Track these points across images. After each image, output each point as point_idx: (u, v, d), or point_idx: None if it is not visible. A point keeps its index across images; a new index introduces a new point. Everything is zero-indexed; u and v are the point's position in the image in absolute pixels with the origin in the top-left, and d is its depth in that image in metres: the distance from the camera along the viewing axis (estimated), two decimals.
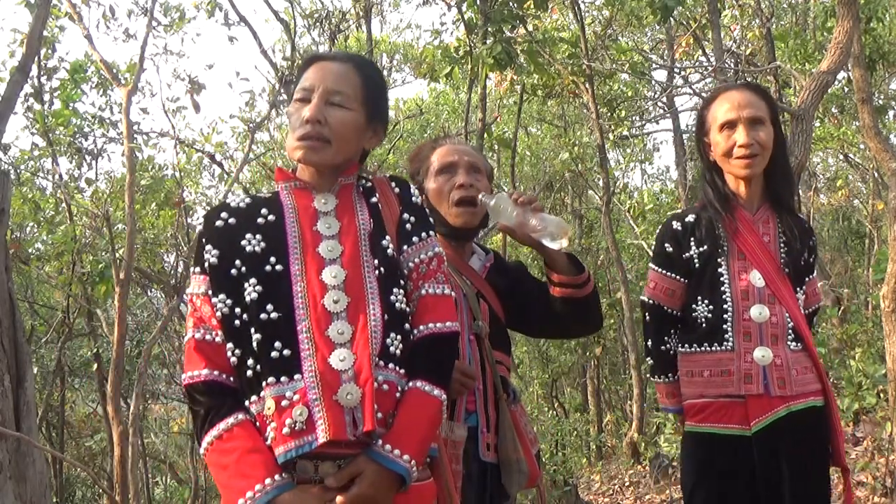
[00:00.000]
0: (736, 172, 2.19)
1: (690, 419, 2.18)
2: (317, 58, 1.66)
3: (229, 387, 1.53)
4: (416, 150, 2.19)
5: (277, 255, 1.55)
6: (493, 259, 2.17)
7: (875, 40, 7.42)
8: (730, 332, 2.12)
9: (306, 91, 1.60)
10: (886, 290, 4.00)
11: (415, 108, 12.73)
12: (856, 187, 12.72)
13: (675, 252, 2.23)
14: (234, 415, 1.49)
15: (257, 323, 1.50)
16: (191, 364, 1.55)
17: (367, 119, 1.64)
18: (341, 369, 1.47)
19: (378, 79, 1.69)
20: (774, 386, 2.08)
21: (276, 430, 1.45)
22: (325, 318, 1.51)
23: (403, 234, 1.65)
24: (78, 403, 10.10)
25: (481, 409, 1.97)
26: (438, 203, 2.05)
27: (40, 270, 7.55)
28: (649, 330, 2.30)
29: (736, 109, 2.14)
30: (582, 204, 13.11)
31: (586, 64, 7.48)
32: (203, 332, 1.55)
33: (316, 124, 1.57)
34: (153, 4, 6.47)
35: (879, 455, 4.60)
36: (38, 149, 7.56)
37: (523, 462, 1.96)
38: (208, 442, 1.49)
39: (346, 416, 1.45)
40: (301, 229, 1.58)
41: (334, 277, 1.54)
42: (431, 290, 1.63)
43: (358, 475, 1.46)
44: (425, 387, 1.53)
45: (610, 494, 7.10)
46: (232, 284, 1.54)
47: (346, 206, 1.63)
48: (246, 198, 1.66)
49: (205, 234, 1.61)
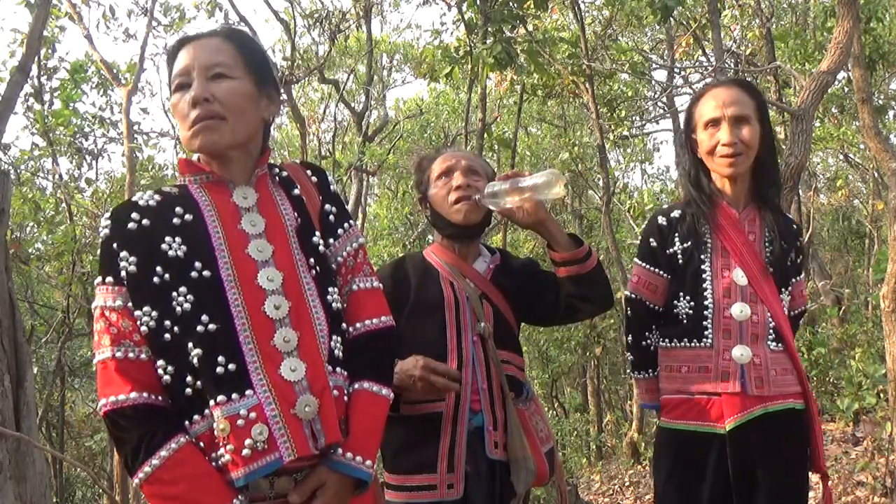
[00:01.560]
0: (720, 171, 2.16)
1: (666, 415, 2.16)
2: (183, 42, 1.51)
3: (161, 408, 1.38)
4: (419, 162, 2.21)
5: (202, 260, 1.40)
6: (500, 259, 2.18)
7: (875, 40, 7.42)
8: (709, 329, 2.10)
9: (183, 76, 1.46)
10: (886, 290, 4.00)
11: (415, 108, 12.76)
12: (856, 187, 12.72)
13: (659, 247, 2.21)
14: (175, 439, 1.35)
15: (194, 336, 1.36)
16: (112, 387, 1.37)
17: (256, 86, 1.49)
18: (294, 380, 1.37)
19: (253, 44, 1.54)
20: (752, 385, 2.05)
21: (234, 453, 1.33)
22: (267, 327, 1.39)
23: (327, 226, 1.56)
24: (78, 403, 10.09)
25: (487, 407, 1.99)
26: (439, 206, 2.10)
27: (40, 270, 7.55)
28: (631, 325, 2.28)
29: (720, 107, 2.11)
30: (582, 204, 13.11)
31: (586, 64, 7.48)
32: (125, 350, 1.38)
33: (204, 103, 1.43)
34: (153, 4, 6.48)
35: (879, 455, 4.59)
36: (38, 149, 7.56)
37: (531, 460, 1.96)
38: (147, 472, 1.33)
39: (304, 429, 1.37)
40: (224, 229, 1.44)
41: (271, 281, 1.42)
42: (362, 284, 1.56)
43: (319, 487, 1.40)
44: (373, 387, 1.48)
45: (610, 494, 7.10)
46: (156, 294, 1.38)
47: (268, 200, 1.50)
48: (154, 195, 1.48)
49: (115, 238, 1.43)
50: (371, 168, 9.94)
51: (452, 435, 1.94)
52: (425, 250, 2.18)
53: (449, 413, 1.94)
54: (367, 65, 11.37)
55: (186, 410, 1.38)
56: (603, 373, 11.94)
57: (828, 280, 9.84)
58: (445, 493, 1.91)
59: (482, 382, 1.99)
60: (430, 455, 1.92)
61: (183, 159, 1.54)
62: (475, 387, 1.99)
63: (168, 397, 1.39)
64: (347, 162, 9.63)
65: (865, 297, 10.17)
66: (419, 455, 1.94)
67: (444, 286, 2.05)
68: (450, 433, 1.94)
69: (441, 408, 1.94)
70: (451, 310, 2.02)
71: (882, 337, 4.29)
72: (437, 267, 2.10)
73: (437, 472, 1.91)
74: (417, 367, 1.88)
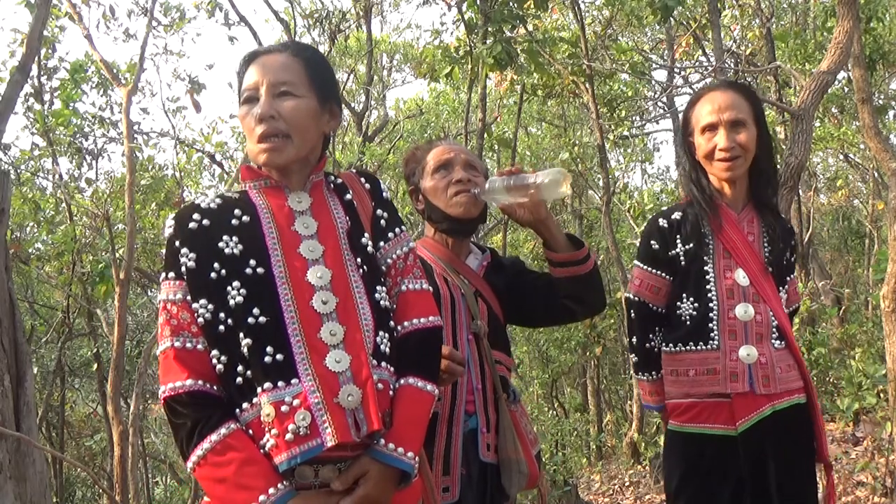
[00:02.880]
0: (718, 174, 2.19)
1: (675, 419, 2.18)
2: (253, 56, 1.60)
3: (215, 396, 1.47)
4: (411, 153, 2.19)
5: (257, 258, 1.50)
6: (491, 257, 2.17)
7: (875, 40, 7.42)
8: (715, 331, 2.12)
9: (251, 90, 1.55)
10: (886, 290, 4.00)
11: (415, 108, 12.75)
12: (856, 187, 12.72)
13: (661, 249, 2.23)
14: (226, 425, 1.43)
15: (245, 327, 1.45)
16: (171, 375, 1.47)
17: (319, 103, 1.58)
18: (338, 371, 1.45)
19: (320, 59, 1.63)
20: (759, 384, 2.08)
21: (278, 437, 1.41)
22: (315, 320, 1.47)
23: (378, 230, 1.63)
24: (78, 403, 10.10)
25: (481, 409, 1.97)
26: (436, 199, 2.06)
27: (40, 270, 7.55)
28: (634, 327, 2.29)
29: (717, 112, 2.14)
30: (582, 204, 13.11)
31: (586, 64, 7.48)
32: (183, 340, 1.48)
33: (270, 120, 1.52)
34: (153, 4, 6.48)
35: (879, 455, 4.60)
36: (38, 149, 7.56)
37: (523, 462, 1.96)
38: (199, 455, 1.42)
39: (347, 417, 1.43)
40: (278, 230, 1.54)
41: (320, 278, 1.50)
42: (412, 285, 1.62)
43: (362, 476, 1.45)
44: (418, 383, 1.53)
45: (610, 494, 7.10)
46: (212, 288, 1.48)
47: (321, 205, 1.60)
48: (216, 198, 1.59)
49: (178, 236, 1.53)
50: (371, 168, 9.94)
51: (448, 436, 1.92)
52: (416, 245, 2.16)
53: (445, 414, 1.92)
54: (367, 65, 11.38)
55: (237, 399, 1.46)
56: (603, 373, 11.94)
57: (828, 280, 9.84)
58: (441, 497, 1.88)
59: (476, 383, 1.98)
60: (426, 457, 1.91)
61: (245, 166, 1.65)
62: (470, 387, 1.97)
63: (222, 386, 1.47)
64: (347, 162, 9.63)
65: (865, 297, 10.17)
66: None
67: (439, 282, 2.02)
68: (445, 434, 1.92)
69: (436, 408, 1.91)
70: (447, 307, 1.99)
71: (882, 337, 4.29)
72: (430, 262, 2.06)
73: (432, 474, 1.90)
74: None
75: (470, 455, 1.94)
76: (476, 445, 1.95)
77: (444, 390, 1.93)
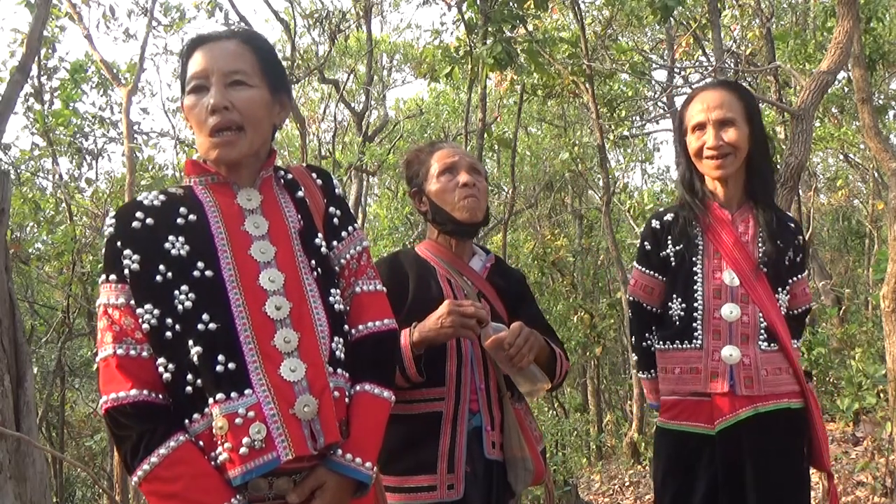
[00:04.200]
0: (709, 173, 2.19)
1: (662, 415, 2.21)
2: (199, 41, 1.49)
3: (160, 406, 1.38)
4: (413, 155, 2.19)
5: (205, 260, 1.41)
6: (494, 260, 2.19)
7: (875, 40, 7.42)
8: (699, 331, 2.13)
9: (200, 79, 1.45)
10: (886, 290, 4.00)
11: (415, 108, 12.76)
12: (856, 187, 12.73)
13: (654, 250, 2.25)
14: (174, 437, 1.35)
15: (195, 334, 1.37)
16: (112, 384, 1.37)
17: (271, 93, 1.50)
18: (294, 381, 1.37)
19: (269, 48, 1.54)
20: (741, 385, 2.07)
21: (232, 451, 1.33)
22: (268, 327, 1.39)
23: (331, 229, 1.56)
24: (78, 403, 10.10)
25: (485, 407, 1.98)
26: (443, 201, 2.07)
27: (40, 270, 7.55)
28: (631, 326, 2.35)
29: (705, 111, 2.15)
30: (582, 204, 13.12)
31: (586, 64, 7.48)
32: (126, 348, 1.38)
33: (224, 112, 1.43)
34: (153, 4, 6.48)
35: (879, 455, 4.60)
36: (38, 149, 7.56)
37: (529, 460, 1.97)
38: (146, 470, 1.33)
39: (304, 429, 1.37)
40: (227, 230, 1.45)
41: (272, 282, 1.42)
42: (366, 287, 1.56)
43: (318, 488, 1.40)
44: (374, 390, 1.48)
45: (610, 494, 7.10)
46: (158, 292, 1.39)
47: (272, 202, 1.51)
48: (160, 194, 1.49)
49: (119, 236, 1.43)
50: (371, 168, 9.94)
51: (452, 435, 1.93)
52: (417, 247, 2.17)
53: (449, 412, 1.94)
54: (367, 65, 11.38)
55: (186, 409, 1.38)
56: (603, 373, 11.94)
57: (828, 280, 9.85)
58: (445, 494, 1.89)
59: (480, 382, 1.99)
60: (430, 455, 1.91)
61: (189, 160, 1.55)
62: (473, 386, 1.98)
63: (169, 396, 1.39)
64: (347, 162, 9.63)
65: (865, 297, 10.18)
66: (418, 455, 1.92)
67: (442, 283, 2.04)
68: (449, 433, 1.92)
69: (440, 407, 1.93)
70: None
71: (882, 337, 4.29)
72: (433, 264, 2.08)
73: (437, 472, 1.90)
74: (445, 308, 1.86)
75: (475, 453, 1.95)
76: (481, 443, 1.96)
77: (448, 389, 1.95)
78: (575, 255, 11.56)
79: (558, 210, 13.25)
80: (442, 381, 1.94)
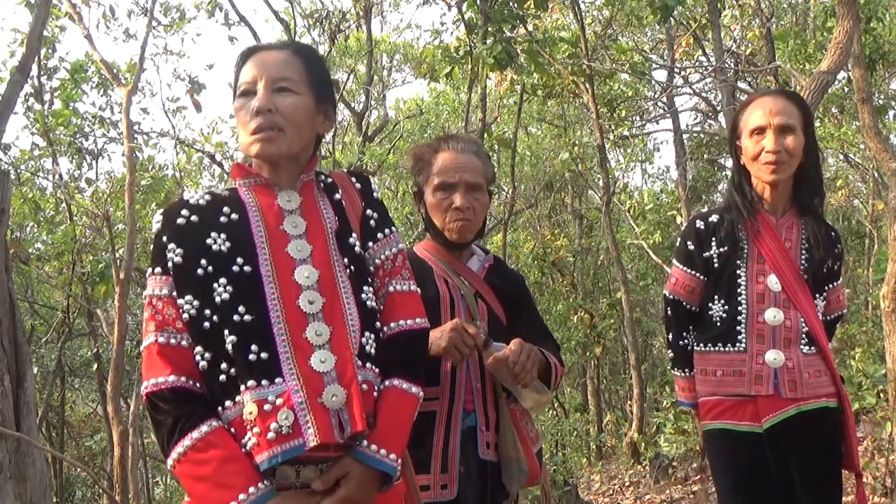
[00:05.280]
0: (762, 177, 2.22)
1: (705, 417, 2.24)
2: (252, 51, 1.60)
3: (197, 393, 1.45)
4: (420, 151, 2.15)
5: (244, 256, 1.49)
6: (493, 260, 2.17)
7: (875, 40, 7.43)
8: (743, 334, 2.18)
9: (249, 84, 1.55)
10: (886, 290, 4.00)
11: (415, 108, 12.75)
12: (856, 187, 12.72)
13: (696, 250, 2.28)
14: (207, 422, 1.42)
15: (230, 325, 1.44)
16: (153, 370, 1.45)
17: (315, 102, 1.59)
18: (323, 371, 1.44)
19: (319, 61, 1.64)
20: (785, 388, 2.14)
21: (260, 436, 1.39)
22: (300, 320, 1.47)
23: (367, 231, 1.63)
24: (78, 403, 10.11)
25: (480, 408, 1.98)
26: (435, 217, 2.06)
27: (40, 270, 7.55)
28: (670, 324, 2.37)
29: (767, 116, 2.18)
30: (582, 204, 13.12)
31: (586, 64, 7.48)
32: (167, 336, 1.46)
33: (267, 114, 1.51)
34: (153, 4, 6.48)
35: (879, 455, 4.60)
36: (38, 149, 7.56)
37: (523, 461, 1.96)
38: (179, 453, 1.41)
39: (331, 418, 1.42)
40: (267, 228, 1.53)
41: (307, 278, 1.50)
42: (399, 286, 1.62)
43: (343, 477, 1.44)
44: (403, 385, 1.52)
45: (610, 494, 7.10)
46: (199, 285, 1.47)
47: (311, 204, 1.59)
48: (205, 194, 1.58)
49: (165, 232, 1.52)
50: (371, 168, 9.94)
51: (446, 434, 1.92)
52: (416, 246, 2.16)
53: (443, 412, 1.93)
54: (367, 65, 11.38)
55: (220, 396, 1.45)
56: (603, 373, 11.94)
57: None
58: (439, 494, 1.89)
59: (476, 382, 1.98)
60: (424, 455, 1.90)
61: (236, 164, 1.66)
62: (469, 386, 1.97)
63: (204, 384, 1.46)
64: (347, 162, 9.63)
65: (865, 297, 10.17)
66: (412, 454, 1.91)
67: (439, 283, 2.03)
68: (443, 433, 1.92)
69: (434, 407, 1.93)
70: (447, 307, 2.00)
71: (882, 337, 4.29)
72: (430, 264, 2.07)
73: (430, 471, 1.89)
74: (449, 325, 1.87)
75: (469, 453, 1.94)
76: (475, 443, 1.95)
77: (443, 389, 1.94)
78: (575, 255, 11.57)
79: (558, 210, 13.25)
80: (437, 381, 1.94)
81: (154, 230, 1.56)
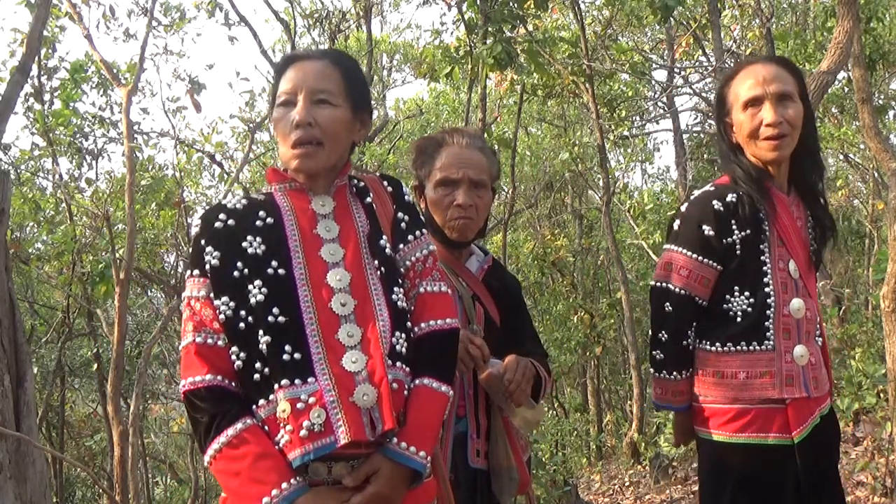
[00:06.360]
0: (763, 155, 1.94)
1: (723, 427, 1.93)
2: (293, 59, 1.64)
3: (232, 392, 1.51)
4: (423, 144, 2.10)
5: (279, 259, 1.54)
6: (492, 262, 2.14)
7: (875, 40, 7.43)
8: (771, 330, 1.90)
9: (289, 94, 1.59)
10: (886, 290, 3.99)
11: (415, 108, 12.75)
12: (856, 187, 12.71)
13: (716, 236, 1.93)
14: (242, 419, 1.47)
15: (265, 325, 1.49)
16: (191, 369, 1.51)
17: (353, 113, 1.63)
18: (355, 371, 1.48)
19: (356, 69, 1.68)
20: (811, 387, 1.91)
21: (293, 433, 1.44)
22: (333, 322, 1.51)
23: (398, 233, 1.67)
24: (78, 403, 10.10)
25: (471, 415, 1.95)
26: (435, 213, 2.03)
27: (40, 270, 7.55)
28: (671, 322, 2.00)
29: (761, 84, 1.91)
30: (582, 204, 13.12)
31: (586, 64, 7.48)
32: (204, 336, 1.52)
33: (307, 127, 1.56)
34: (153, 4, 6.47)
35: (879, 455, 4.59)
36: (38, 149, 7.56)
37: (514, 469, 1.93)
38: (216, 449, 1.46)
39: (363, 416, 1.46)
40: (301, 232, 1.58)
41: (339, 280, 1.54)
42: (429, 287, 1.65)
43: (374, 473, 1.47)
44: (433, 384, 1.55)
45: (610, 494, 7.10)
46: (234, 286, 1.52)
47: (344, 209, 1.63)
48: (242, 199, 1.63)
49: (203, 235, 1.58)
50: (371, 168, 9.94)
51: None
52: None
53: None
54: (367, 65, 11.37)
55: (254, 395, 1.50)
56: (603, 373, 11.93)
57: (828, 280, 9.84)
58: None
59: (468, 387, 1.95)
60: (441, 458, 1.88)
61: (271, 168, 1.69)
62: (462, 392, 1.94)
63: (239, 383, 1.51)
64: None
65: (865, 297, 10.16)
66: None
67: None
68: None
69: None
70: None
71: (882, 337, 4.29)
72: None
73: None
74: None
75: (458, 460, 1.92)
76: (465, 451, 1.93)
77: None
78: (575, 255, 11.57)
79: (558, 210, 13.24)
80: None
81: (193, 233, 1.61)
